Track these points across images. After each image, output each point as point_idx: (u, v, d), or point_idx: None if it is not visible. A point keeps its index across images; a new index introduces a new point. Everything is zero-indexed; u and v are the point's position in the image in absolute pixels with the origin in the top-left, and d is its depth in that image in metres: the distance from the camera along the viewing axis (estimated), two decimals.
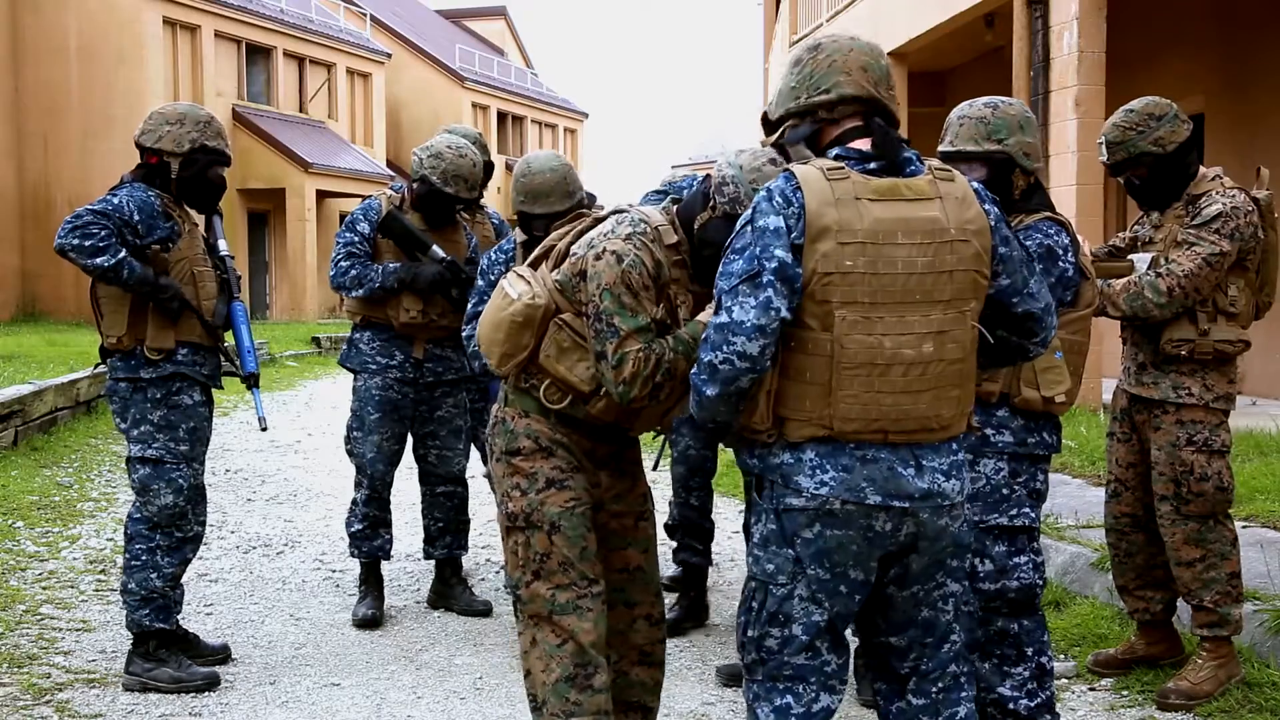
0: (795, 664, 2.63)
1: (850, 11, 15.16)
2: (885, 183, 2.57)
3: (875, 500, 2.54)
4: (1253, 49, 10.97)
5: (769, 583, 2.64)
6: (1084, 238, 3.71)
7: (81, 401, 10.51)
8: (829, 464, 2.55)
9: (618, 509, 3.29)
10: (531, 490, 3.14)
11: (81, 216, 4.16)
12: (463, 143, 5.20)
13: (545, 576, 3.12)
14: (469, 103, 36.91)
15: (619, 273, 2.97)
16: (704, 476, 5.02)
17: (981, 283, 2.61)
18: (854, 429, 2.53)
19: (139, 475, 4.32)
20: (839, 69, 2.69)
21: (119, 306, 4.27)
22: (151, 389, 4.30)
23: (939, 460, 2.60)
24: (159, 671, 4.28)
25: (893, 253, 2.52)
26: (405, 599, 5.53)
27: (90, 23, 24.23)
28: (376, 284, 5.07)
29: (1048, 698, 3.42)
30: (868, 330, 2.51)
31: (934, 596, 2.70)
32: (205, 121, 4.39)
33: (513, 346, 3.13)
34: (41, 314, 23.91)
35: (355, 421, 5.28)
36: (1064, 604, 4.98)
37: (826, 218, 2.51)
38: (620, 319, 2.96)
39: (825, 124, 2.71)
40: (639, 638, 3.31)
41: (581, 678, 3.08)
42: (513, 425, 3.20)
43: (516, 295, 3.13)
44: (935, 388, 2.56)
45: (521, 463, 3.17)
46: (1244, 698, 3.97)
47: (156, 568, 4.31)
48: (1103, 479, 6.83)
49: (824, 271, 2.50)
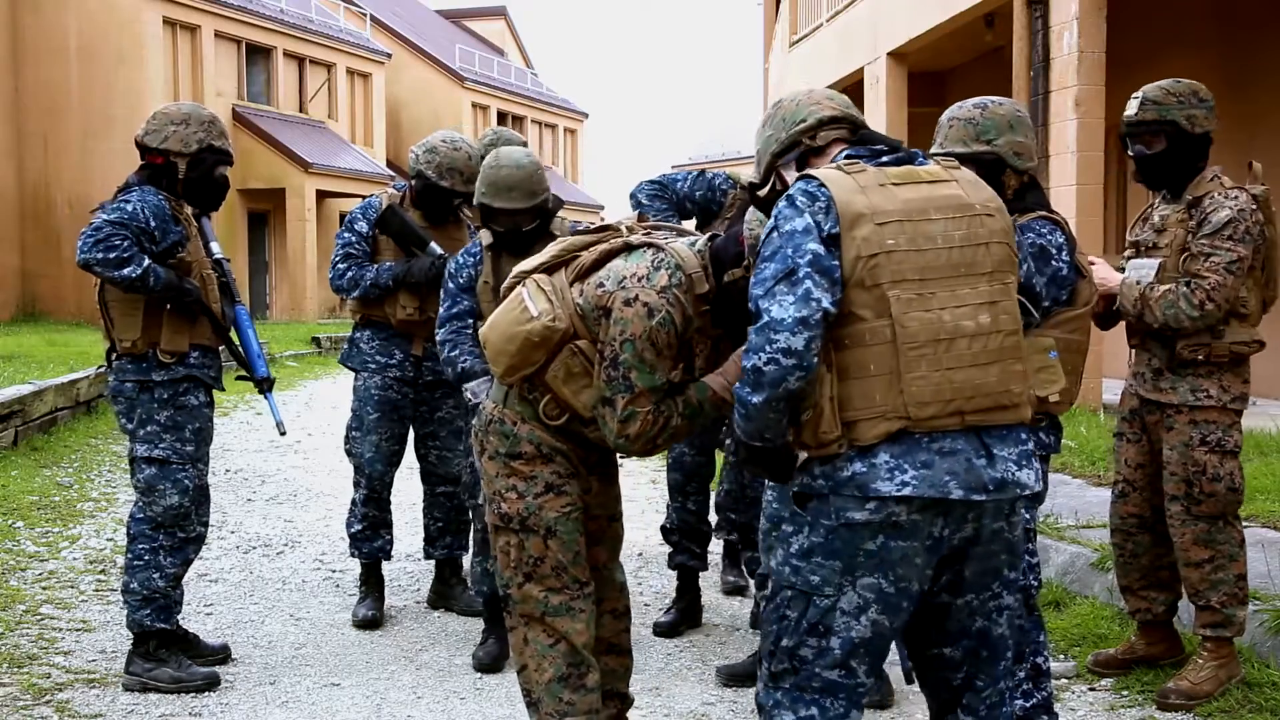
0: (826, 678, 2.55)
1: (850, 11, 15.15)
2: (902, 169, 2.58)
3: (958, 495, 2.45)
4: (1253, 49, 10.97)
5: (813, 594, 2.53)
6: (1092, 256, 3.71)
7: (81, 401, 10.50)
8: (906, 463, 2.45)
9: (596, 511, 3.34)
10: (530, 494, 3.16)
11: (101, 229, 4.13)
12: (457, 136, 5.20)
13: (538, 579, 3.16)
14: (469, 103, 36.90)
15: (648, 329, 2.94)
16: (700, 481, 5.02)
17: (1014, 256, 2.60)
18: (930, 413, 2.45)
19: (144, 475, 4.32)
20: (808, 104, 2.76)
21: (131, 310, 4.26)
22: (159, 390, 4.30)
23: (1008, 449, 2.53)
24: (159, 671, 4.28)
25: (929, 228, 2.50)
26: (405, 599, 5.52)
27: (90, 23, 24.22)
28: (369, 283, 5.07)
29: (1044, 698, 3.42)
30: (925, 306, 2.46)
31: (989, 607, 2.62)
32: (210, 121, 4.38)
33: (522, 361, 3.12)
34: (41, 314, 23.90)
35: (354, 421, 5.28)
36: (1064, 604, 4.98)
37: (857, 204, 2.48)
38: (638, 375, 2.94)
39: (810, 153, 2.72)
40: (605, 631, 3.38)
41: (575, 677, 3.14)
42: (515, 429, 3.21)
43: (537, 313, 3.07)
44: (1000, 360, 2.50)
45: (522, 466, 3.19)
46: (1244, 698, 3.97)
47: (159, 567, 4.31)
48: (1103, 479, 6.84)
49: (868, 255, 2.45)
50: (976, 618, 2.62)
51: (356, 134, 31.59)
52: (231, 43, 27.04)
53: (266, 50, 28.24)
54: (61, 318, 23.67)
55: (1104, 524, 5.59)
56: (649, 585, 5.79)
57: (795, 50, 17.86)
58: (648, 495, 5.82)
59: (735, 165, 15.18)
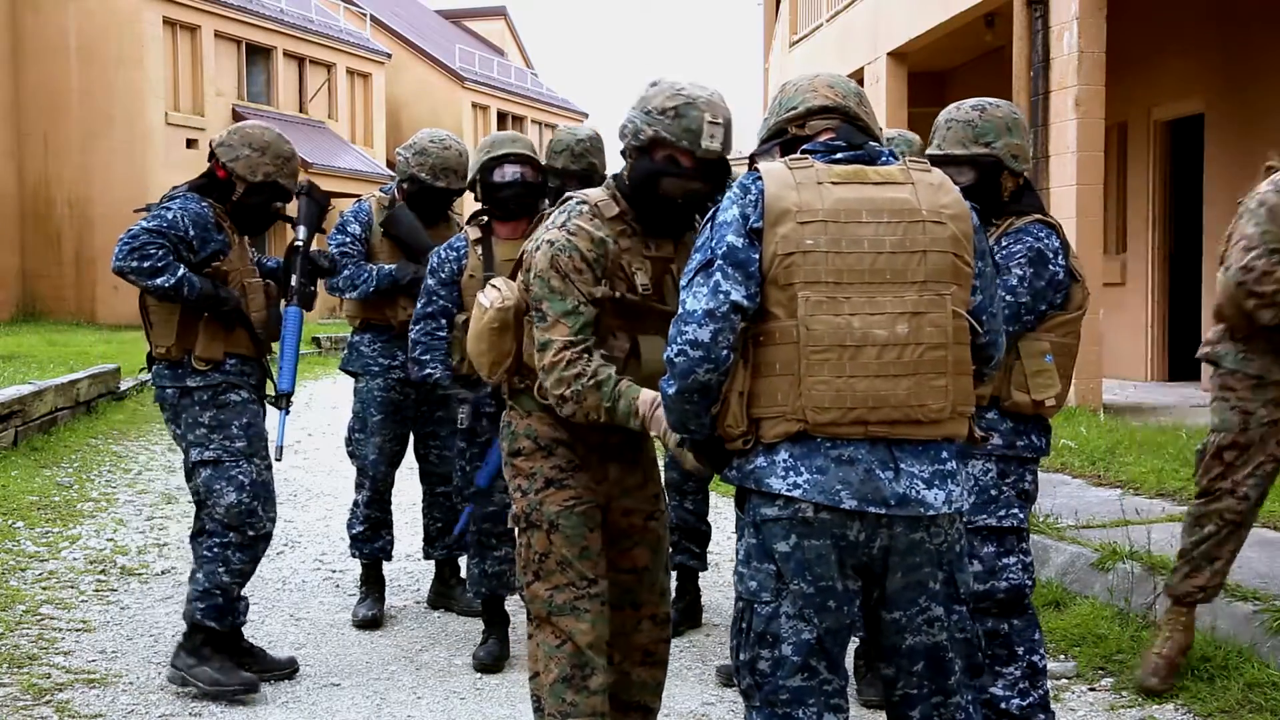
0: (791, 686, 2.46)
1: (850, 11, 15.15)
2: (849, 168, 2.51)
3: (850, 505, 2.40)
4: (1253, 49, 10.97)
5: (754, 601, 2.50)
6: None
7: (81, 401, 10.49)
8: (802, 465, 2.42)
9: (628, 505, 3.25)
10: (531, 490, 3.15)
11: (138, 236, 4.09)
12: (443, 134, 5.20)
13: (544, 577, 3.11)
14: (469, 103, 36.91)
15: (551, 258, 2.98)
16: (698, 481, 5.01)
17: (964, 269, 2.50)
18: (829, 419, 2.40)
19: (202, 479, 4.25)
20: (805, 90, 2.68)
21: (168, 316, 4.22)
22: (198, 393, 4.24)
23: (919, 465, 2.44)
24: (199, 670, 4.21)
25: (857, 231, 2.43)
26: (405, 599, 5.53)
27: (90, 23, 24.21)
28: (371, 286, 5.08)
29: (1041, 697, 3.42)
30: (834, 310, 2.41)
31: (918, 622, 2.52)
32: (287, 158, 4.34)
33: (498, 353, 3.15)
34: (41, 314, 23.91)
35: (357, 423, 5.28)
36: (1064, 604, 4.98)
37: (786, 200, 2.44)
38: (549, 303, 2.96)
39: (799, 142, 2.65)
40: (643, 638, 3.29)
41: (578, 678, 3.07)
42: (514, 427, 3.22)
43: (489, 304, 3.14)
44: (915, 373, 2.42)
45: (522, 463, 3.18)
46: (1244, 698, 3.97)
47: (226, 562, 4.24)
48: (1103, 479, 6.85)
49: (784, 253, 2.42)
50: (905, 634, 2.54)
51: (356, 134, 31.60)
52: (231, 43, 27.04)
53: (266, 50, 28.24)
54: (61, 318, 23.69)
55: (1104, 524, 5.61)
56: None
57: (795, 50, 17.87)
58: None
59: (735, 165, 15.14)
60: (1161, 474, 6.69)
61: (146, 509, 7.37)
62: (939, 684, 2.58)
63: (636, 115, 3.02)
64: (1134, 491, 6.48)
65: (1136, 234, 12.79)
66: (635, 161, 3.04)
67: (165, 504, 7.53)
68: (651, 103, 3.00)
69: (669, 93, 2.99)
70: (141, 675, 4.46)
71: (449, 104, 36.19)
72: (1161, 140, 12.51)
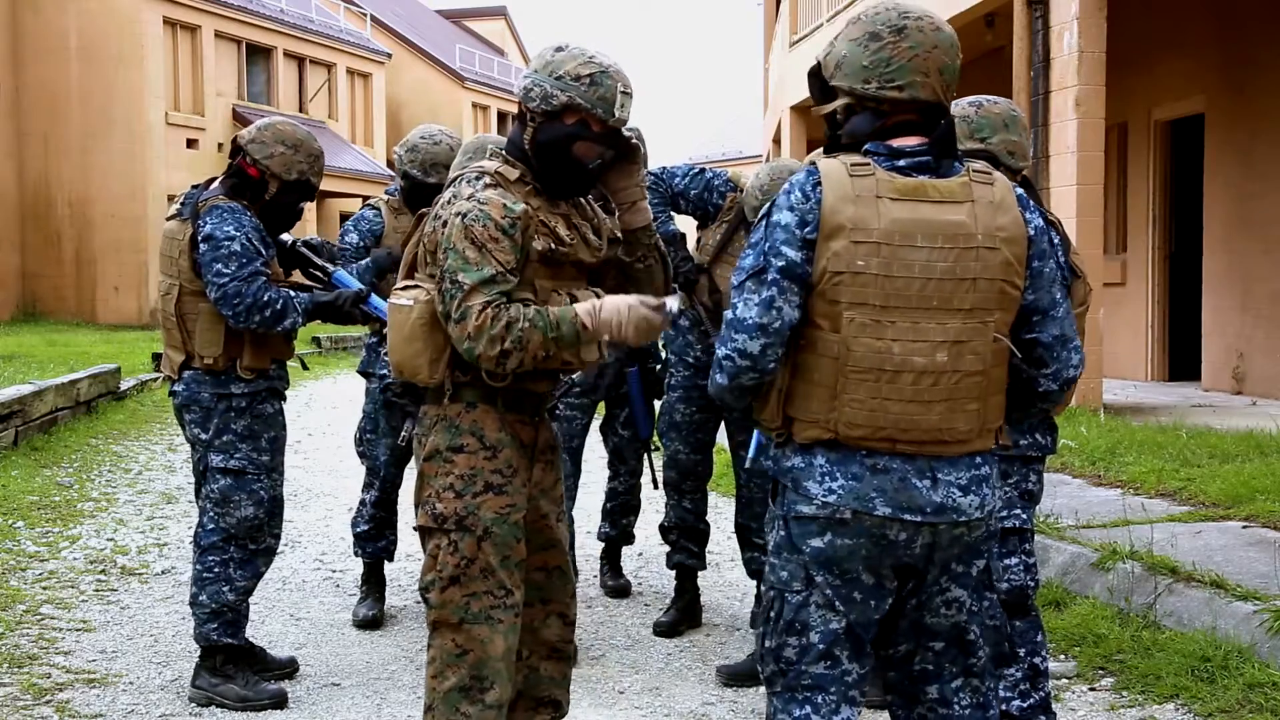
0: (814, 674, 2.53)
1: (850, 11, 15.13)
2: (911, 182, 2.45)
3: (884, 512, 2.44)
4: (1253, 49, 10.97)
5: (784, 591, 2.54)
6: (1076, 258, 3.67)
7: (81, 401, 10.49)
8: (839, 471, 2.46)
9: (544, 507, 3.20)
10: (468, 493, 3.02)
11: (241, 292, 4.01)
12: (436, 130, 5.20)
13: (464, 583, 3.01)
14: (469, 103, 36.92)
15: (461, 229, 2.92)
16: (696, 480, 5.00)
17: (1011, 293, 2.49)
18: (859, 435, 2.44)
19: (219, 486, 4.20)
20: (918, 68, 2.48)
21: (213, 325, 4.15)
22: (238, 400, 4.20)
23: (956, 474, 2.48)
24: (225, 688, 4.17)
25: (910, 255, 2.41)
26: (405, 599, 5.52)
27: (90, 23, 24.22)
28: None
29: (1042, 698, 3.42)
30: (877, 334, 2.42)
31: (936, 603, 2.57)
32: (317, 156, 4.30)
33: (434, 350, 3.02)
34: (41, 314, 23.92)
35: (369, 424, 5.29)
36: (1064, 604, 4.98)
37: (842, 215, 2.41)
38: (464, 274, 2.89)
39: (880, 117, 2.51)
40: (550, 634, 3.26)
41: (476, 690, 3.00)
42: (458, 421, 3.07)
43: (410, 301, 3.04)
44: (949, 399, 2.45)
45: (462, 460, 3.05)
46: (1244, 698, 3.97)
47: (229, 580, 4.21)
48: (1103, 479, 6.85)
49: (834, 270, 2.41)
50: (924, 613, 2.58)
51: (356, 134, 31.61)
52: (231, 43, 27.04)
53: (267, 50, 28.25)
54: (61, 318, 23.70)
55: (1104, 524, 5.61)
56: (649, 585, 5.79)
57: (795, 50, 17.86)
58: (647, 495, 5.81)
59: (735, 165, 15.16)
60: (1161, 474, 6.69)
61: (146, 509, 7.38)
62: (963, 664, 2.61)
63: (545, 80, 2.99)
64: (1134, 491, 6.48)
65: (1136, 234, 12.79)
66: (543, 124, 3.00)
67: (165, 504, 7.54)
68: (563, 67, 2.98)
69: (580, 59, 2.99)
70: (141, 675, 4.46)
71: (449, 104, 36.19)
72: (1161, 140, 12.51)
